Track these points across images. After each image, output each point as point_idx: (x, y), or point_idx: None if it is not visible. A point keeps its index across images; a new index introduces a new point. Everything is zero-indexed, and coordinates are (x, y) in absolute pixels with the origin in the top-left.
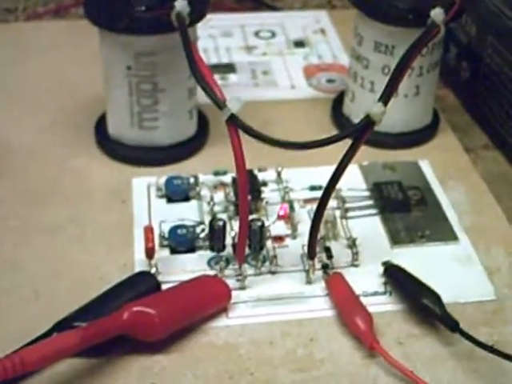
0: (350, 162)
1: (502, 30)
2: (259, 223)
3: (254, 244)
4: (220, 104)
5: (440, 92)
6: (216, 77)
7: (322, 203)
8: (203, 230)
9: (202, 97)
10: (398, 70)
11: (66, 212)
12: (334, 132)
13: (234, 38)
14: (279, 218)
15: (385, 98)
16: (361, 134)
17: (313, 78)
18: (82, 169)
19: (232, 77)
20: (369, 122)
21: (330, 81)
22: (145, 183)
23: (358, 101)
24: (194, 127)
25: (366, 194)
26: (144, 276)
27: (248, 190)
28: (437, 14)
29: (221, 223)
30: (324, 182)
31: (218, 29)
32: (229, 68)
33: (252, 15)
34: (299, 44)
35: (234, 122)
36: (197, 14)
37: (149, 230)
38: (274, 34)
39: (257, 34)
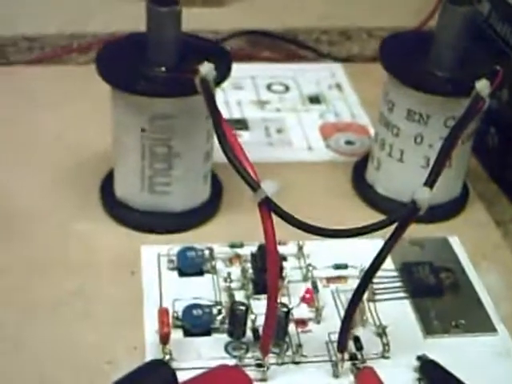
0: (389, 252)
1: None
2: (285, 309)
3: (278, 331)
4: (254, 186)
5: None
6: None
7: (356, 298)
8: (220, 312)
9: (214, 156)
10: (443, 150)
11: (71, 284)
12: (356, 200)
13: (245, 91)
14: (304, 301)
15: (431, 182)
16: (404, 222)
17: (330, 139)
18: (86, 234)
19: (245, 134)
20: (414, 209)
21: (348, 142)
22: (155, 252)
23: (384, 170)
24: (208, 192)
25: (395, 274)
26: (158, 366)
27: (278, 279)
28: (483, 86)
29: (243, 309)
30: (348, 258)
31: (228, 80)
32: (241, 124)
33: (262, 66)
34: (314, 100)
35: (268, 205)
36: (221, 77)
37: (164, 313)
38: (287, 88)
39: (269, 87)
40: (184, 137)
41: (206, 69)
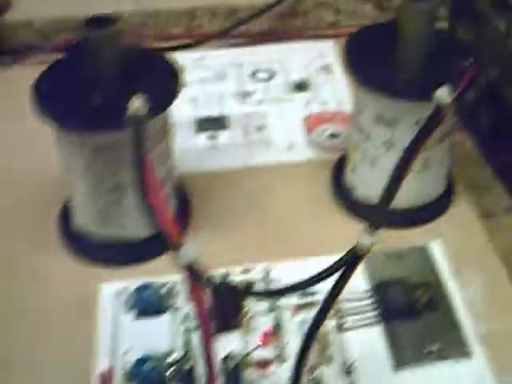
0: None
1: None
2: (235, 362)
3: None
4: (174, 247)
5: (456, 138)
6: (205, 135)
7: (305, 351)
8: (172, 365)
9: (181, 166)
10: (395, 174)
11: (16, 337)
12: (335, 206)
13: (228, 82)
14: (262, 345)
15: (376, 224)
16: (348, 268)
17: (314, 133)
18: (40, 270)
19: (223, 134)
20: (355, 255)
21: (333, 135)
22: (112, 291)
23: (359, 174)
24: (171, 214)
25: (367, 295)
26: None
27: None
28: (442, 95)
29: (187, 367)
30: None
31: (211, 70)
32: (220, 123)
33: (250, 49)
34: (300, 87)
35: (191, 272)
36: (164, 101)
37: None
38: (272, 75)
39: (253, 74)
40: (131, 167)
41: (136, 105)
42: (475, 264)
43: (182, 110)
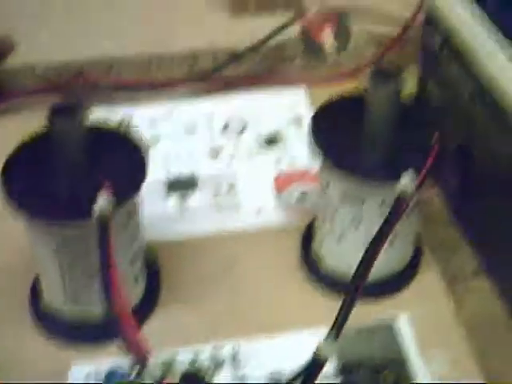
0: None
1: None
2: None
3: None
4: (139, 362)
5: (424, 195)
6: (175, 196)
7: None
8: None
9: (151, 233)
10: (361, 267)
11: None
12: (303, 277)
13: (199, 137)
14: None
15: (336, 331)
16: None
17: (283, 194)
18: (9, 349)
19: (192, 197)
20: (317, 361)
21: (303, 195)
22: (83, 374)
23: (326, 247)
24: (141, 292)
25: (335, 376)
26: None
27: None
28: (406, 185)
29: None
30: (292, 356)
31: (181, 123)
32: (190, 183)
33: (220, 100)
34: (271, 141)
35: None
36: (127, 195)
37: None
38: (244, 127)
39: (225, 128)
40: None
41: (102, 205)
42: (441, 341)
43: (152, 168)
